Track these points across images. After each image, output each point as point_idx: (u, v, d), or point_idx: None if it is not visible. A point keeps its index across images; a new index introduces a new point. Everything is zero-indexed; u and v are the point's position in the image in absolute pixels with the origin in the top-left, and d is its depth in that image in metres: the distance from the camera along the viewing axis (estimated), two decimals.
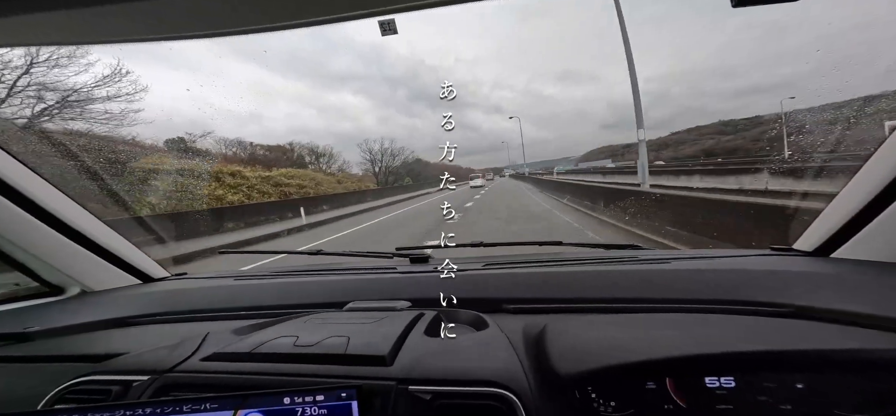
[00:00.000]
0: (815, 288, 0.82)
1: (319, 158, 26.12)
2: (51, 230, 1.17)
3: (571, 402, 0.65)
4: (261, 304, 1.17)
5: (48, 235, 1.17)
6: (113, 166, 5.62)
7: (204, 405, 0.57)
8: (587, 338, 0.73)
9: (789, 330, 0.70)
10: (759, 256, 1.05)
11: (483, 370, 0.68)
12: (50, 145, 3.79)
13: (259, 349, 0.76)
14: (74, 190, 1.24)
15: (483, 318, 0.91)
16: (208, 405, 0.57)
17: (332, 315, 0.95)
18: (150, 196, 8.11)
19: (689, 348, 0.64)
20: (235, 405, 0.58)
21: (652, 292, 0.93)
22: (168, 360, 0.78)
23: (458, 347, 0.77)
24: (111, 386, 0.75)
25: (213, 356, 0.77)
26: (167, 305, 1.22)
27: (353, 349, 0.74)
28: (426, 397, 0.65)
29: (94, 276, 1.32)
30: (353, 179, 26.62)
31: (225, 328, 0.93)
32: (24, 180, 1.09)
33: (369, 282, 1.22)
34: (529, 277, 1.10)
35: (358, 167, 30.13)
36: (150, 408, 0.56)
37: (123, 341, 1.00)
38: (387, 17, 1.02)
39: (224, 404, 0.58)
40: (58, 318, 1.15)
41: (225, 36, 1.04)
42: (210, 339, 0.86)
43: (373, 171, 31.36)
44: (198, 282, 1.43)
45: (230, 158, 18.19)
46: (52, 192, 1.16)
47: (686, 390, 0.62)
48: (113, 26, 0.77)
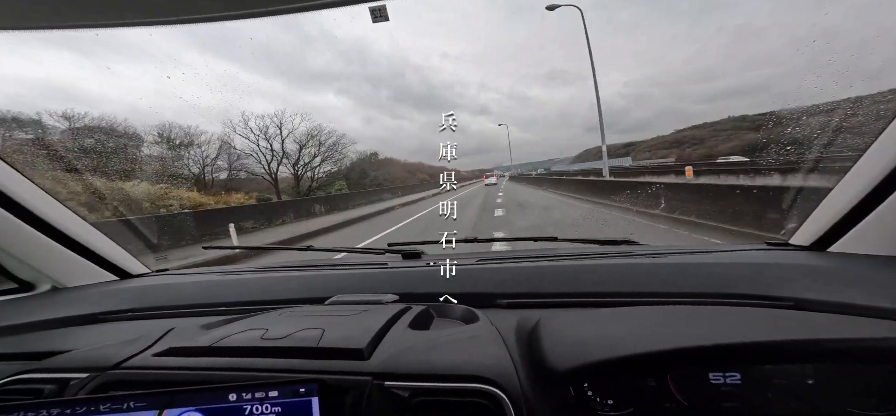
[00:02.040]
0: (814, 282, 0.80)
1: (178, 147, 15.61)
2: (22, 223, 1.11)
3: (566, 399, 0.61)
4: (242, 300, 1.12)
5: (18, 228, 1.11)
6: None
7: (127, 403, 0.50)
8: (584, 331, 0.70)
9: (795, 322, 0.67)
10: (756, 251, 1.04)
11: (468, 364, 0.63)
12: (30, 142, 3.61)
13: (220, 343, 0.70)
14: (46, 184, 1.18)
15: (474, 312, 0.87)
16: (132, 404, 0.51)
17: (310, 308, 0.91)
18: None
19: (693, 340, 0.61)
20: (163, 404, 0.51)
21: (649, 287, 0.91)
22: (114, 356, 0.72)
23: (445, 341, 0.72)
24: (44, 384, 0.69)
25: (167, 351, 0.72)
26: (143, 301, 1.17)
27: (326, 341, 0.68)
28: (404, 394, 0.60)
29: (67, 272, 1.26)
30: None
31: (194, 324, 0.88)
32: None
33: (358, 277, 1.19)
34: (523, 271, 1.08)
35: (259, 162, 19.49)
36: (59, 409, 0.50)
37: (86, 339, 0.94)
38: (377, 4, 1.00)
39: (153, 402, 0.51)
40: (23, 315, 1.10)
41: (205, 23, 1.00)
42: (172, 334, 0.81)
43: (268, 173, 20.35)
44: (178, 278, 1.38)
45: None
46: (24, 184, 1.11)
47: (688, 386, 0.59)
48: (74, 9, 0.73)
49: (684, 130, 65.96)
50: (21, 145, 4.97)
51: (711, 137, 53.28)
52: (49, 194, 1.18)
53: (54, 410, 0.49)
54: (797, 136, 1.61)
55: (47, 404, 0.50)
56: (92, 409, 0.50)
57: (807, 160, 1.54)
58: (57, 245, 1.20)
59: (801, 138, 1.59)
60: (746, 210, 5.32)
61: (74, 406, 0.50)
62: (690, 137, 63.12)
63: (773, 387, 0.57)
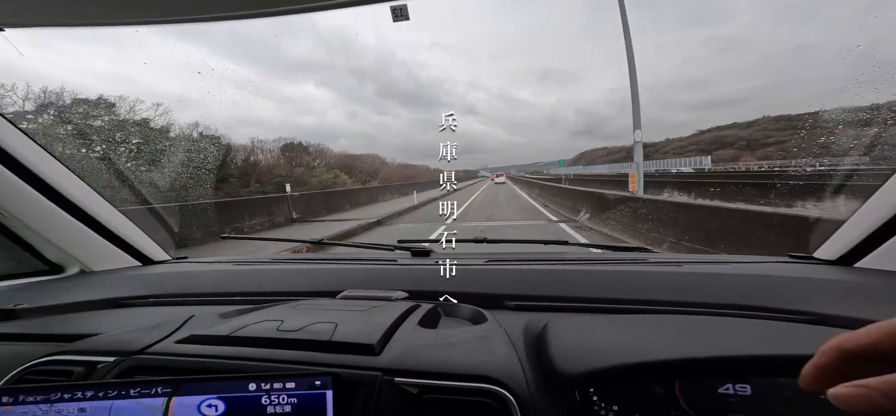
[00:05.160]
0: (840, 297, 0.78)
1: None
2: (56, 208, 1.18)
3: (571, 404, 0.61)
4: (257, 290, 1.16)
5: (52, 212, 1.18)
6: None
7: (154, 389, 0.53)
8: (593, 337, 0.70)
9: (813, 337, 0.65)
10: (776, 263, 1.01)
11: (477, 364, 0.64)
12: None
13: (238, 333, 0.73)
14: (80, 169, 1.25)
15: (482, 313, 0.88)
16: (159, 389, 0.53)
17: (322, 302, 0.93)
18: None
19: (703, 350, 0.60)
20: (188, 391, 0.54)
21: (662, 295, 0.90)
22: (139, 342, 0.75)
23: (453, 340, 0.73)
24: (74, 367, 0.72)
25: (188, 338, 0.75)
26: (164, 287, 1.22)
27: (338, 336, 0.70)
28: (413, 390, 0.61)
29: (94, 256, 1.33)
30: None
31: (212, 312, 0.92)
32: (34, 157, 1.10)
33: (368, 272, 1.21)
34: (533, 274, 1.07)
35: None
36: (82, 392, 0.53)
37: (111, 322, 0.99)
38: (398, 3, 1.01)
39: (177, 388, 0.54)
40: (52, 296, 1.15)
41: (215, 21, 1.04)
42: (193, 322, 0.84)
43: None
44: (197, 266, 1.43)
45: None
46: (58, 168, 1.17)
47: (696, 396, 0.58)
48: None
49: (707, 132, 63.06)
50: (48, 128, 5.21)
51: (739, 139, 50.55)
52: (82, 180, 1.24)
53: (88, 392, 0.52)
54: (831, 144, 1.54)
55: (82, 386, 0.53)
56: (122, 393, 0.53)
57: (838, 173, 1.47)
58: (87, 230, 1.26)
59: (835, 147, 1.52)
60: None
61: (106, 389, 0.53)
62: (717, 138, 60.00)
63: (784, 399, 0.55)
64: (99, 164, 3.72)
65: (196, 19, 1.02)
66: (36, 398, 0.52)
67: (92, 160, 4.71)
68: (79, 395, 0.52)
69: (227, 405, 0.54)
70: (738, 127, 60.31)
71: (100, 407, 0.52)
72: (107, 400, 0.52)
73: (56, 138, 4.17)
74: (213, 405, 0.53)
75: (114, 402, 0.52)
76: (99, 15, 1.03)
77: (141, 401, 0.53)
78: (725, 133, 64.30)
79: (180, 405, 0.53)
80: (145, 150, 10.01)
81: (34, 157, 1.10)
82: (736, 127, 60.45)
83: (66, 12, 1.02)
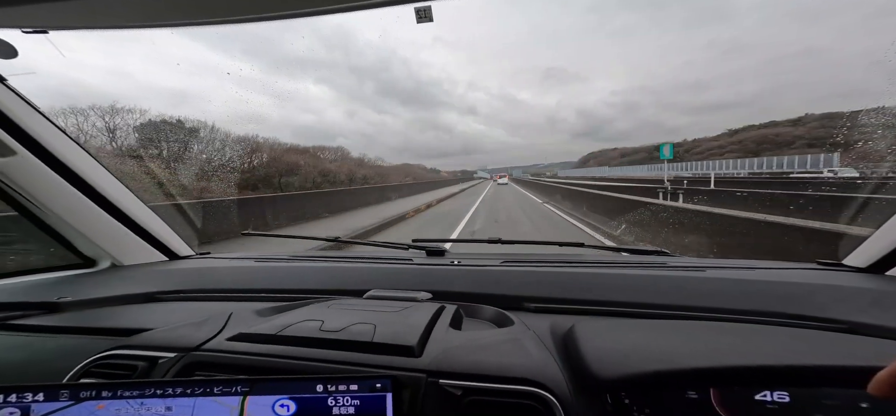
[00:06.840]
0: (872, 305, 0.77)
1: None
2: (91, 203, 1.21)
3: (603, 407, 0.62)
4: (281, 287, 1.18)
5: (88, 207, 1.21)
6: None
7: (218, 387, 0.55)
8: (624, 340, 0.70)
9: (852, 346, 0.65)
10: (805, 270, 1.00)
11: (518, 367, 0.65)
12: None
13: (285, 332, 0.75)
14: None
15: (506, 314, 0.88)
16: (220, 388, 0.55)
17: (353, 302, 0.95)
18: None
19: (740, 358, 0.60)
20: (259, 390, 0.55)
21: (686, 300, 0.89)
22: (194, 338, 0.77)
23: (487, 342, 0.74)
24: (137, 362, 0.74)
25: (238, 336, 0.76)
26: (192, 282, 1.25)
27: (380, 337, 0.71)
28: (457, 392, 0.62)
29: (124, 250, 1.36)
30: None
31: (248, 309, 0.94)
32: (70, 153, 1.14)
33: (386, 272, 1.22)
34: (551, 276, 1.07)
35: None
36: (172, 388, 0.54)
37: (150, 317, 1.01)
38: (423, 4, 0.99)
39: (243, 387, 0.55)
40: (89, 290, 1.18)
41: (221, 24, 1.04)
42: (234, 319, 0.86)
43: None
44: (221, 262, 1.46)
45: None
46: (92, 163, 1.20)
47: (732, 403, 0.58)
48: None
49: (739, 131, 59.48)
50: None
51: (796, 137, 46.82)
52: (114, 176, 1.27)
53: (177, 388, 0.55)
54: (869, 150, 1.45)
55: (170, 383, 0.55)
56: (206, 391, 0.55)
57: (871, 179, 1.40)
58: (119, 225, 1.30)
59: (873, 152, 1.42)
60: None
61: (193, 387, 0.55)
62: (762, 136, 55.80)
63: (824, 409, 0.55)
64: (131, 161, 3.90)
65: (184, 24, 1.03)
66: (132, 393, 0.54)
67: (124, 157, 4.92)
68: (169, 391, 0.55)
69: (297, 406, 0.56)
70: (779, 124, 56.64)
71: (185, 404, 0.55)
72: (192, 398, 0.55)
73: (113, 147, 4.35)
74: (285, 405, 0.55)
75: (197, 399, 0.55)
76: (131, 16, 1.06)
77: (220, 399, 0.55)
78: (766, 132, 60.51)
79: (254, 404, 0.55)
80: (173, 149, 10.32)
81: (70, 153, 1.14)
82: (775, 125, 56.83)
83: (104, 15, 1.05)
